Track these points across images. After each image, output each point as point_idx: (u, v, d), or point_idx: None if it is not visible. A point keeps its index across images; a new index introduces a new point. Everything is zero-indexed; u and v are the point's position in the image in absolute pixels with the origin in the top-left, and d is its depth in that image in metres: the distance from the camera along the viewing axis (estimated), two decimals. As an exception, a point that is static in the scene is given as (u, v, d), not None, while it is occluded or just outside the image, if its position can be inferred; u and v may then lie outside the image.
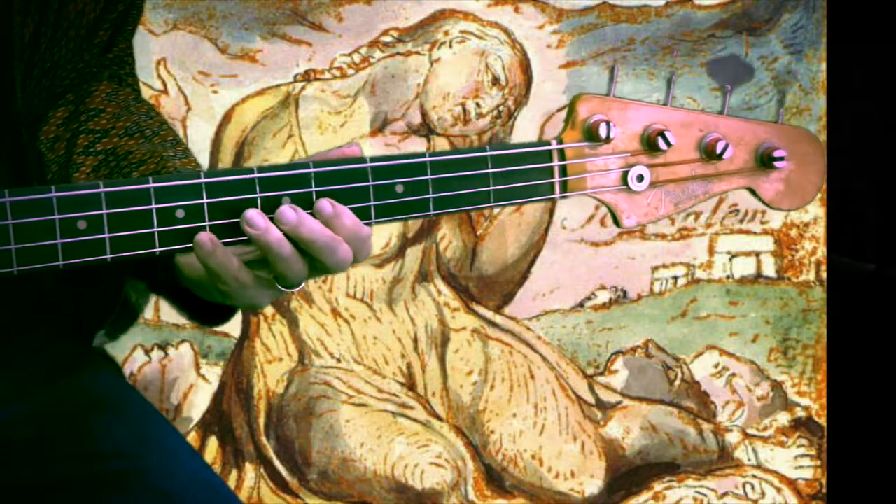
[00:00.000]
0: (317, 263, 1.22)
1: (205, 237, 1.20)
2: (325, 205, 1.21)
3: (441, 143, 2.47)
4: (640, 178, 1.29)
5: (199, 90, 2.44)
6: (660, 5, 2.46)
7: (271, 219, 1.20)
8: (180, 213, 1.19)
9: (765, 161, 1.32)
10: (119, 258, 1.18)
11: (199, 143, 2.44)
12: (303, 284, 1.24)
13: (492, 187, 1.26)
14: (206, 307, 1.34)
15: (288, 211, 1.20)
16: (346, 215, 1.22)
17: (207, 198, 1.20)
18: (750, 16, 2.47)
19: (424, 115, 2.46)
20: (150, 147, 1.37)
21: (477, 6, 2.45)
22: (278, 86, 2.45)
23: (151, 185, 1.19)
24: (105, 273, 1.40)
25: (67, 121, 1.41)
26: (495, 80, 2.46)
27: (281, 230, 1.20)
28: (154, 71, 2.42)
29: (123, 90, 1.46)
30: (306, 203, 1.22)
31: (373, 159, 1.23)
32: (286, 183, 1.21)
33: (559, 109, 2.47)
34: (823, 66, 2.47)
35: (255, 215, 1.20)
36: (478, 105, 2.47)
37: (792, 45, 2.47)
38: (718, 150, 1.29)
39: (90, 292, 1.43)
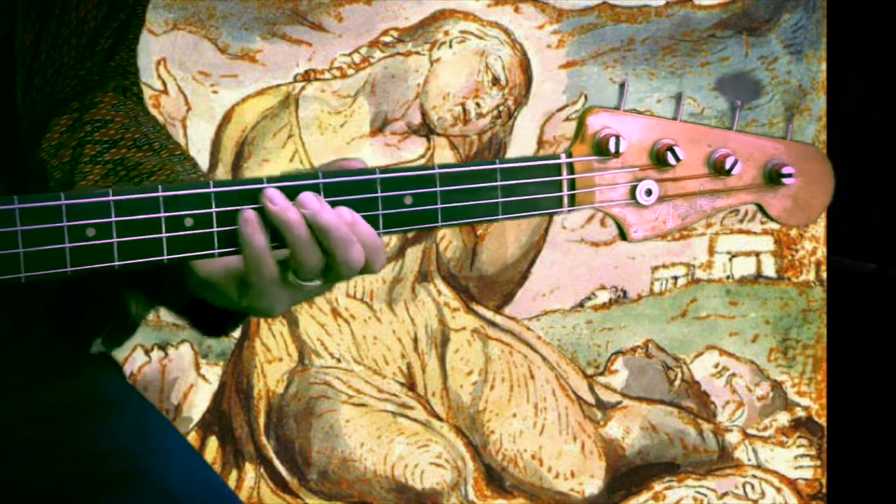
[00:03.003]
0: (330, 259, 1.22)
1: (251, 214, 1.20)
2: (345, 211, 1.22)
3: (441, 143, 2.47)
4: (649, 192, 1.29)
5: (199, 90, 2.43)
6: (660, 5, 2.46)
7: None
8: (189, 222, 1.20)
9: (773, 177, 1.32)
10: (127, 265, 1.18)
11: (199, 143, 2.44)
12: (316, 283, 1.23)
13: (500, 199, 1.27)
14: (209, 316, 1.34)
15: (311, 196, 1.20)
16: (363, 223, 1.23)
17: (216, 207, 1.20)
18: (750, 16, 2.47)
19: (424, 115, 2.46)
20: (158, 160, 1.37)
21: (477, 6, 2.45)
22: (278, 86, 2.45)
23: (161, 193, 1.19)
24: (104, 283, 1.41)
25: (72, 129, 1.41)
26: (495, 80, 2.46)
27: (302, 214, 1.20)
28: (154, 71, 2.42)
29: (129, 101, 1.46)
30: None
31: (382, 170, 1.24)
32: (296, 193, 1.21)
33: (559, 109, 2.47)
34: (823, 66, 2.47)
35: (276, 193, 1.20)
36: (478, 105, 2.47)
37: (792, 45, 2.47)
38: (727, 167, 1.29)
39: (88, 300, 1.43)
